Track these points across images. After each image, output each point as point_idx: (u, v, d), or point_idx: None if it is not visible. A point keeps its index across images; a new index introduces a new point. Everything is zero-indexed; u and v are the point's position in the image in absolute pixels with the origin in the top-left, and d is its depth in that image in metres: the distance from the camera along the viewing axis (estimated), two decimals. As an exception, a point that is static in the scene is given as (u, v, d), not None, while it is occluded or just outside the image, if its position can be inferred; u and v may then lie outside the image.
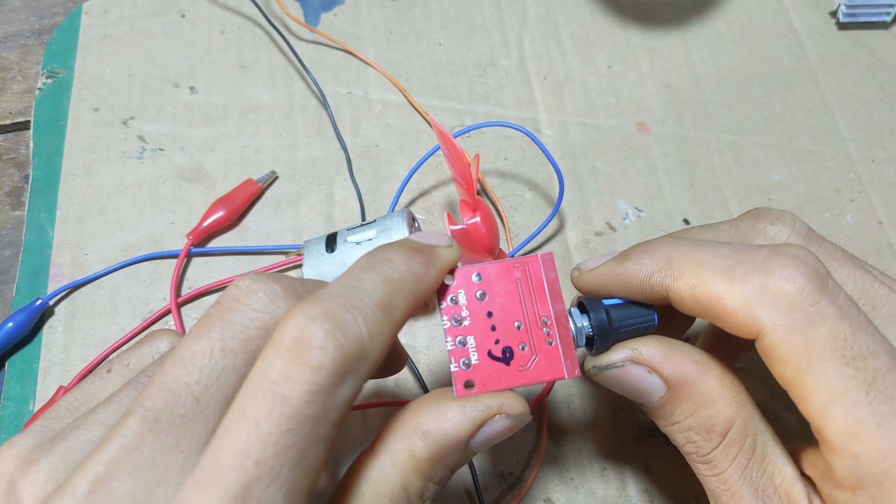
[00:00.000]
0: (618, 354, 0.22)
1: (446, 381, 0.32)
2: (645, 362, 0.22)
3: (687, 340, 0.24)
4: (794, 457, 0.22)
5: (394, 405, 0.32)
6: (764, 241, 0.23)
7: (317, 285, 0.20)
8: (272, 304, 0.18)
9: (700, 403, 0.22)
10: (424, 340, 0.33)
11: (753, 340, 0.28)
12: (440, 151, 0.35)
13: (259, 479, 0.16)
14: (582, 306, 0.23)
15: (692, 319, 0.28)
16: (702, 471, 0.22)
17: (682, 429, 0.22)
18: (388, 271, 0.19)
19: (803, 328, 0.19)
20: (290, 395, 0.16)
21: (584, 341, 0.23)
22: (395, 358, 0.24)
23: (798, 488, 0.20)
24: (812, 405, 0.19)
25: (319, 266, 0.31)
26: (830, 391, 0.19)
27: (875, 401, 0.18)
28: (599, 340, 0.22)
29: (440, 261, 0.21)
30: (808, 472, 0.21)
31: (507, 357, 0.22)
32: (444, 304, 0.22)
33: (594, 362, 0.23)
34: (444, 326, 0.21)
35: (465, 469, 0.30)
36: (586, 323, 0.23)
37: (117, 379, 0.22)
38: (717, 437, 0.21)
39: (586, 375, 0.24)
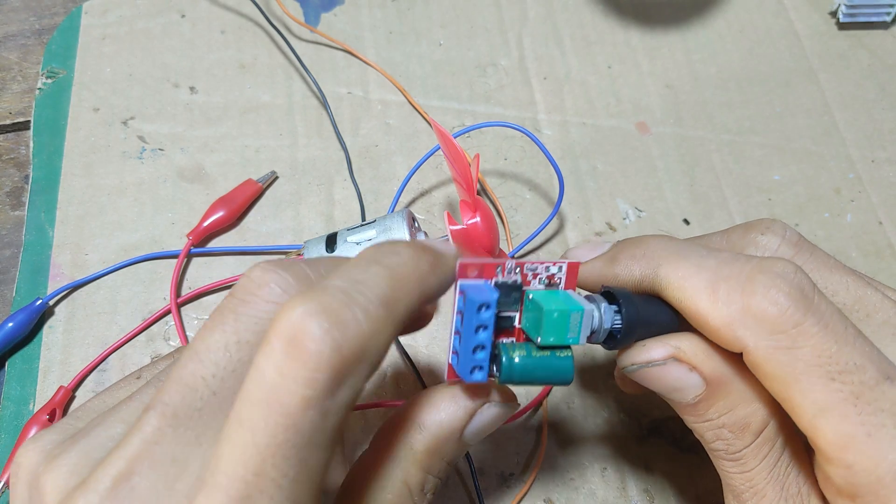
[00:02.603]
0: (659, 351, 0.21)
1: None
2: (687, 360, 0.21)
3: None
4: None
5: (394, 406, 0.32)
6: (755, 250, 0.23)
7: (331, 266, 0.19)
8: (285, 295, 0.18)
9: (737, 402, 0.21)
10: (424, 340, 0.33)
11: None
12: (440, 151, 0.35)
13: (260, 490, 0.16)
14: (610, 296, 0.22)
15: None
16: (727, 468, 0.22)
17: (714, 426, 0.21)
18: (395, 265, 0.19)
19: (786, 348, 0.19)
20: (287, 402, 0.16)
21: (606, 336, 0.22)
22: (421, 313, 0.23)
23: (815, 492, 0.20)
24: (803, 417, 0.19)
25: (319, 266, 0.31)
26: (818, 405, 0.19)
27: (864, 412, 0.18)
28: (623, 338, 0.21)
29: (446, 264, 0.20)
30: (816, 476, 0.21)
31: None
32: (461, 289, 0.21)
33: (632, 359, 0.22)
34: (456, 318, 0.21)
35: (465, 469, 0.30)
36: (616, 316, 0.22)
37: None
38: (751, 436, 0.21)
39: (620, 372, 0.23)
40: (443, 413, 0.21)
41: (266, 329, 0.17)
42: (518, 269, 0.22)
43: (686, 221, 0.36)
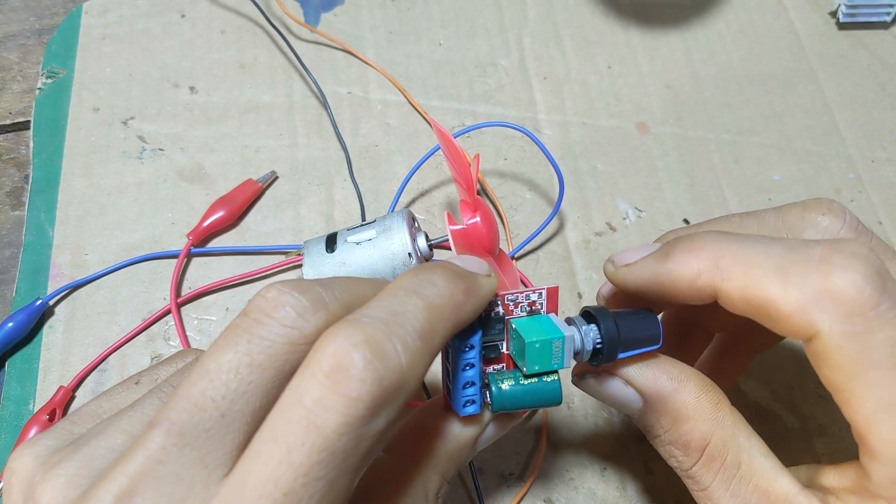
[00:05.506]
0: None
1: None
2: (619, 374, 0.22)
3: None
4: (811, 473, 0.21)
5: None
6: (815, 233, 0.22)
7: (346, 288, 0.19)
8: (300, 319, 0.18)
9: (675, 419, 0.21)
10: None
11: (762, 347, 0.28)
12: (440, 151, 0.35)
13: None
14: (589, 316, 0.22)
15: (711, 337, 0.28)
16: (690, 486, 0.22)
17: (663, 443, 0.22)
18: (431, 296, 0.19)
19: (861, 333, 0.18)
20: (325, 426, 0.16)
21: (590, 356, 0.22)
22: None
23: (800, 499, 0.20)
24: (859, 412, 0.18)
25: (319, 266, 0.31)
26: (882, 400, 0.18)
27: None
28: (606, 354, 0.22)
29: (480, 290, 0.20)
30: (828, 484, 0.21)
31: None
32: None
33: (576, 370, 0.23)
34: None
35: (465, 469, 0.30)
36: (594, 335, 0.22)
37: (145, 391, 0.21)
38: (696, 453, 0.21)
39: (573, 384, 0.24)
40: (464, 423, 0.22)
41: (279, 352, 0.17)
42: (499, 300, 0.22)
43: (686, 221, 0.36)
